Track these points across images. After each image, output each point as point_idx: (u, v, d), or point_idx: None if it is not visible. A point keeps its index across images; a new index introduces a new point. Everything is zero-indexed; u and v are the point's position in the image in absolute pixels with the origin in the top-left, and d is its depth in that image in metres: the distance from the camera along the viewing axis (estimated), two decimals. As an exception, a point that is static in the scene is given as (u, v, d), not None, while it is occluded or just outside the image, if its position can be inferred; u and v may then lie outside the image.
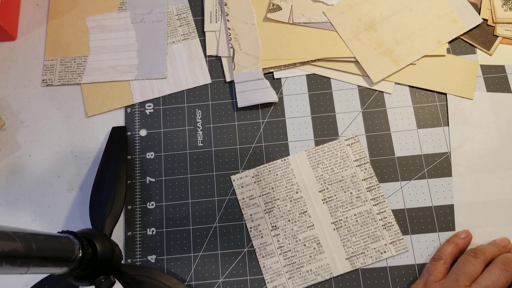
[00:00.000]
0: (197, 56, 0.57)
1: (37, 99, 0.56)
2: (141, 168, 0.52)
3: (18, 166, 0.53)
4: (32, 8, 0.60)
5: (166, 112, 0.54)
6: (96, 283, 0.38)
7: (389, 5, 0.56)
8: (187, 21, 0.58)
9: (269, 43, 0.56)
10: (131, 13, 0.59)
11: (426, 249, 0.47)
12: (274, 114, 0.54)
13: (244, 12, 0.57)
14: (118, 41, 0.57)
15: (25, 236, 0.30)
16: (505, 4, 0.56)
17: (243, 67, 0.55)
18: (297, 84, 0.55)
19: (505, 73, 0.54)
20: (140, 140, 0.53)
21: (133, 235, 0.50)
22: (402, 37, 0.55)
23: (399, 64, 0.54)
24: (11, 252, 0.28)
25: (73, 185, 0.52)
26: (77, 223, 0.51)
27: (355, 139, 0.52)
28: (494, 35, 0.55)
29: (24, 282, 0.48)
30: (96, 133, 0.54)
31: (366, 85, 0.54)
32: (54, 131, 0.54)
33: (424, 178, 0.50)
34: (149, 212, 0.50)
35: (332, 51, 0.55)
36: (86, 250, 0.36)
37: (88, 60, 0.57)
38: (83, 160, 0.53)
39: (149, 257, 0.49)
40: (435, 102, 0.53)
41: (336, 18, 0.56)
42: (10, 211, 0.51)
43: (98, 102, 0.55)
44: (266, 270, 0.48)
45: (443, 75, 0.54)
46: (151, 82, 0.56)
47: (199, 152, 0.53)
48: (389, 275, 0.47)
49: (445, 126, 0.52)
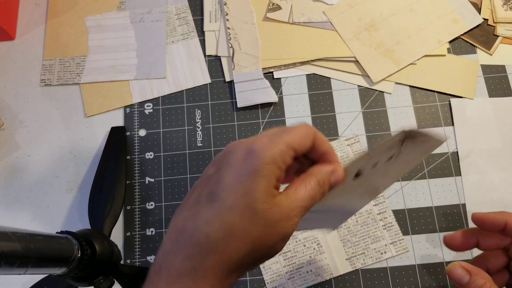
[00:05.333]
0: (197, 55, 0.57)
1: (36, 99, 0.55)
2: (140, 168, 0.52)
3: (17, 166, 0.53)
4: (31, 7, 0.60)
5: (166, 112, 0.54)
6: (95, 283, 0.38)
7: (389, 5, 0.56)
8: (187, 21, 0.58)
9: (269, 42, 0.56)
10: (130, 13, 0.59)
11: (427, 249, 0.47)
12: (274, 114, 0.53)
13: (243, 11, 0.57)
14: (117, 41, 0.57)
15: (24, 236, 0.30)
16: (505, 4, 0.56)
17: (242, 67, 0.54)
18: (297, 84, 0.54)
19: (505, 73, 0.53)
20: (139, 140, 0.53)
21: (132, 236, 0.49)
22: (402, 37, 0.55)
23: (399, 64, 0.54)
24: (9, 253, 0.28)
25: (72, 185, 0.52)
26: (76, 224, 0.50)
27: (355, 139, 0.52)
28: (495, 35, 0.55)
29: (23, 282, 0.48)
30: (95, 133, 0.54)
31: (366, 85, 0.54)
32: (53, 131, 0.54)
33: (424, 178, 0.50)
34: (148, 212, 0.50)
35: (332, 50, 0.55)
36: (85, 251, 0.36)
37: (87, 60, 0.57)
38: (82, 160, 0.53)
39: (148, 258, 0.49)
40: (436, 102, 0.53)
41: (336, 17, 0.56)
42: (9, 211, 0.51)
43: (97, 102, 0.55)
44: (266, 271, 0.48)
45: (443, 75, 0.54)
46: (150, 82, 0.55)
47: (198, 152, 0.52)
48: (389, 276, 0.47)
49: (446, 126, 0.52)
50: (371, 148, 0.38)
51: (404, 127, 0.37)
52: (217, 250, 0.26)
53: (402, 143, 0.38)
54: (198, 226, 0.27)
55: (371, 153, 0.37)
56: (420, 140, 0.39)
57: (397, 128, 0.52)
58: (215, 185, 0.27)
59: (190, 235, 0.27)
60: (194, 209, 0.28)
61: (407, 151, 0.39)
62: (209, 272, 0.26)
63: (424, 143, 0.39)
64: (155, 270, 0.27)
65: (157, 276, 0.27)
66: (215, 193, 0.27)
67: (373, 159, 0.38)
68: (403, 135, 0.37)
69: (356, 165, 0.38)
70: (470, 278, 0.36)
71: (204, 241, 0.26)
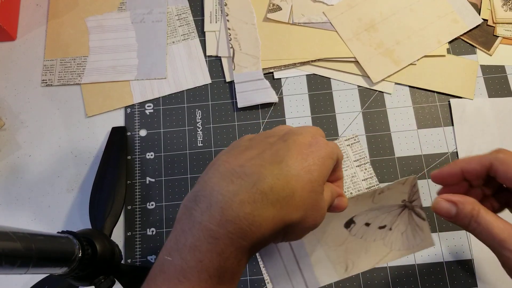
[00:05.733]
0: (197, 56, 0.57)
1: (37, 99, 0.56)
2: (141, 168, 0.52)
3: (18, 166, 0.53)
4: (32, 8, 0.60)
5: (166, 112, 0.54)
6: (96, 283, 0.38)
7: (389, 5, 0.56)
8: (187, 21, 0.58)
9: (269, 43, 0.56)
10: (131, 13, 0.59)
11: (427, 249, 0.47)
12: (274, 114, 0.54)
13: (244, 12, 0.57)
14: (118, 41, 0.57)
15: (25, 236, 0.30)
16: (505, 4, 0.56)
17: (243, 67, 0.55)
18: (297, 84, 0.55)
19: (505, 73, 0.54)
20: (140, 140, 0.53)
21: (133, 235, 0.50)
22: (402, 37, 0.55)
23: (399, 64, 0.54)
24: (10, 252, 0.28)
25: (73, 185, 0.52)
26: (77, 223, 0.51)
27: (355, 139, 0.52)
28: (494, 35, 0.55)
29: (24, 282, 0.48)
30: (96, 133, 0.54)
31: (366, 85, 0.54)
32: (54, 131, 0.54)
33: (424, 178, 0.50)
34: (149, 212, 0.50)
35: (332, 51, 0.55)
36: (86, 250, 0.36)
37: (88, 60, 0.57)
38: (83, 160, 0.53)
39: (149, 257, 0.49)
40: (435, 102, 0.53)
41: (336, 18, 0.56)
42: (10, 211, 0.51)
43: (98, 102, 0.55)
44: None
45: (443, 75, 0.54)
46: (151, 82, 0.56)
47: (199, 153, 0.53)
48: (389, 275, 0.47)
49: (445, 126, 0.52)
50: (376, 192, 0.42)
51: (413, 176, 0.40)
52: (277, 206, 0.27)
53: (402, 211, 0.42)
54: (263, 176, 0.28)
55: (375, 196, 0.42)
56: (416, 221, 0.42)
57: (397, 128, 0.52)
58: (283, 151, 0.30)
59: (254, 182, 0.27)
60: (257, 162, 0.29)
61: (401, 227, 0.42)
62: (268, 222, 0.27)
63: (418, 230, 0.42)
64: (216, 206, 0.27)
65: (208, 211, 0.27)
66: (282, 158, 0.29)
67: (369, 214, 0.43)
68: (409, 186, 0.41)
69: (355, 208, 0.42)
70: (457, 208, 0.35)
71: (268, 191, 0.27)
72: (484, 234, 0.34)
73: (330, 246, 0.44)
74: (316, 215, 0.31)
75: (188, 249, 0.26)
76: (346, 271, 0.44)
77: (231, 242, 0.26)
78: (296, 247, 0.45)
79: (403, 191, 0.43)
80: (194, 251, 0.26)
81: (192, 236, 0.26)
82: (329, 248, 0.44)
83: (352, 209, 0.43)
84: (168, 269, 0.26)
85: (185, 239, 0.27)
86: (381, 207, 0.43)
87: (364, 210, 0.44)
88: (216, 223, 0.26)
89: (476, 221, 0.34)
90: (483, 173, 0.35)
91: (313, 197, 0.30)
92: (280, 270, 0.45)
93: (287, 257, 0.45)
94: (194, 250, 0.26)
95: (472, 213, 0.34)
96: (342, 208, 0.37)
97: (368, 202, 0.44)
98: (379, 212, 0.43)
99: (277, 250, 0.45)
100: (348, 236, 0.44)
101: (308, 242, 0.45)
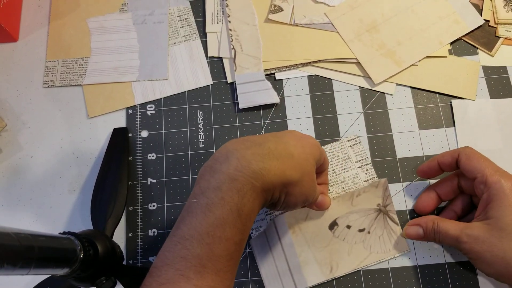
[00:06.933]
0: (199, 57, 0.57)
1: (38, 101, 0.56)
2: (142, 169, 0.52)
3: (20, 167, 0.53)
4: (34, 9, 0.60)
5: (168, 113, 0.54)
6: (97, 284, 0.38)
7: (390, 6, 0.56)
8: (189, 22, 0.58)
9: (270, 44, 0.56)
10: (132, 14, 0.59)
11: (428, 250, 0.47)
12: (276, 115, 0.54)
13: (245, 13, 0.57)
14: (119, 42, 0.58)
15: (27, 237, 0.30)
16: (506, 5, 0.56)
17: (244, 68, 0.55)
18: (298, 85, 0.55)
19: (507, 74, 0.53)
20: (141, 141, 0.53)
21: (134, 236, 0.50)
22: (403, 38, 0.55)
23: (400, 65, 0.54)
24: (12, 253, 0.28)
25: (74, 186, 0.52)
26: (79, 224, 0.51)
27: (357, 140, 0.52)
28: (496, 36, 0.55)
29: (26, 283, 0.48)
30: (98, 134, 0.54)
31: (367, 86, 0.54)
32: (56, 132, 0.54)
33: (425, 179, 0.50)
34: (151, 213, 0.50)
35: (333, 52, 0.55)
36: (87, 251, 0.36)
37: (90, 62, 0.57)
38: (84, 161, 0.53)
39: (150, 258, 0.49)
40: (437, 103, 0.53)
41: (337, 19, 0.56)
42: (11, 212, 0.51)
43: (99, 103, 0.55)
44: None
45: (444, 76, 0.54)
46: (152, 83, 0.56)
47: (200, 153, 0.53)
48: (390, 276, 0.47)
49: (447, 127, 0.52)
50: (354, 194, 0.48)
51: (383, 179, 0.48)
52: (280, 160, 0.35)
53: (378, 215, 0.47)
54: (267, 141, 0.36)
55: (353, 199, 0.48)
56: (391, 225, 0.47)
57: (398, 129, 0.52)
58: (280, 134, 0.39)
59: (261, 143, 0.36)
60: (261, 137, 0.37)
61: (378, 231, 0.47)
62: (274, 170, 0.35)
63: (393, 234, 0.47)
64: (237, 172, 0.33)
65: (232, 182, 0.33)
66: (280, 136, 0.38)
67: (350, 217, 0.47)
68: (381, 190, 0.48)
69: (337, 210, 0.47)
70: (422, 228, 0.43)
71: (273, 150, 0.36)
72: (446, 238, 0.41)
73: (317, 247, 0.47)
74: (310, 184, 0.39)
75: (211, 190, 0.33)
76: (331, 272, 0.46)
77: (247, 181, 0.33)
78: (287, 248, 0.47)
79: (377, 195, 0.48)
80: (217, 190, 0.32)
81: (215, 180, 0.33)
82: (316, 250, 0.47)
83: (335, 210, 0.48)
84: (195, 209, 0.32)
85: (209, 183, 0.33)
86: (360, 210, 0.48)
87: (345, 212, 0.48)
88: (233, 169, 0.33)
89: (438, 232, 0.42)
90: (454, 164, 0.44)
91: (307, 165, 0.38)
92: (271, 270, 0.46)
93: (278, 258, 0.47)
94: (216, 190, 0.32)
95: (433, 227, 0.42)
96: (325, 206, 0.45)
97: (348, 204, 0.48)
98: (358, 215, 0.47)
99: (270, 250, 0.47)
100: (332, 238, 0.47)
101: (297, 243, 0.47)
